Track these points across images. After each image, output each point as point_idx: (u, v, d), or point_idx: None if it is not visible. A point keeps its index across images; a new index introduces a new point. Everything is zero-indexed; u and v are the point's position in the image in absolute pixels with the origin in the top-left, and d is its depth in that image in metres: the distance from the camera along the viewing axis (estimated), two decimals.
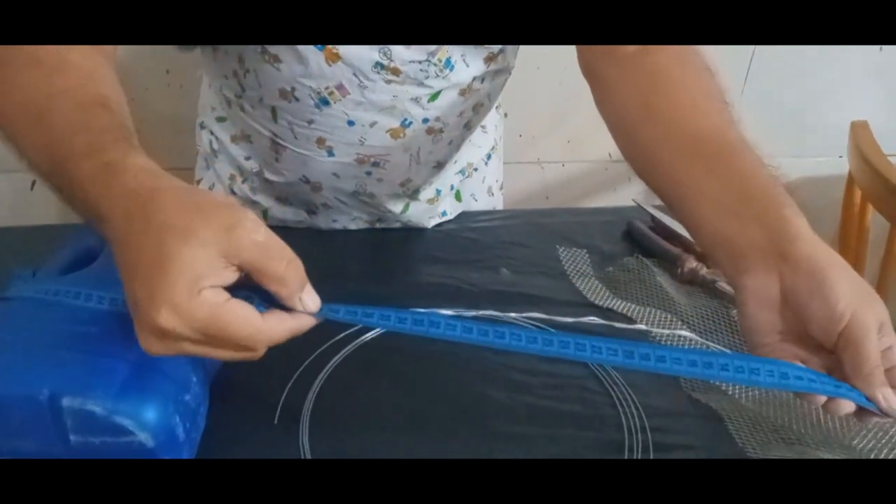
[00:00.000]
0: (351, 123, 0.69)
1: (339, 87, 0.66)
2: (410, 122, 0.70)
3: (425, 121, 0.71)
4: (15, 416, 0.45)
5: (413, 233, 0.83)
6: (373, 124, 0.69)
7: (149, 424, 0.45)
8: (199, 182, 0.87)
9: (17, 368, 0.46)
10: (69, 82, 0.48)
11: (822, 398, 0.45)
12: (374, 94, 0.67)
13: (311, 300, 0.43)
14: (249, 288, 0.41)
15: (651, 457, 0.54)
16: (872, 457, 0.54)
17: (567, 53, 0.65)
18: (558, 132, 1.41)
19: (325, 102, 0.67)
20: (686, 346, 0.61)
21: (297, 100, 0.67)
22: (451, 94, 0.69)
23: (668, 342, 0.65)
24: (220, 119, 0.80)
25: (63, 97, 0.47)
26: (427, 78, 0.67)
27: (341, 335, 0.63)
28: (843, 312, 0.45)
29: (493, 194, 0.91)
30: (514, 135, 0.95)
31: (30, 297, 0.52)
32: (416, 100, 0.68)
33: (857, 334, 0.45)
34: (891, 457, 0.53)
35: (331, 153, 0.72)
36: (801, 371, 0.45)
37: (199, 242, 0.38)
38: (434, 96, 0.69)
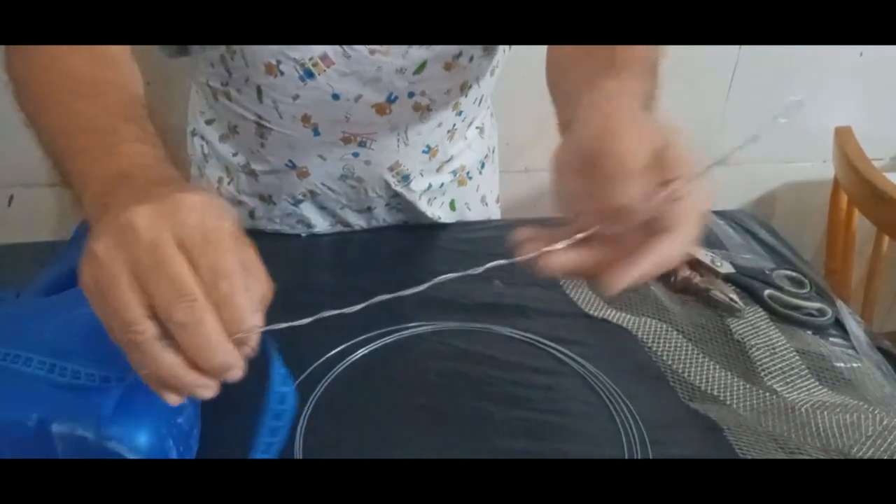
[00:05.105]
0: (336, 97, 0.69)
1: (324, 57, 0.66)
2: (396, 97, 0.70)
3: (411, 95, 0.70)
4: (2, 443, 0.44)
5: (402, 243, 0.82)
6: (358, 98, 0.69)
7: (142, 449, 0.44)
8: None
9: (3, 393, 0.45)
10: (118, 76, 0.52)
11: None
12: (359, 64, 0.66)
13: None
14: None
15: None
16: None
17: None
18: (546, 139, 1.40)
19: (310, 75, 0.67)
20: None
21: (282, 74, 0.67)
22: (436, 66, 0.69)
23: (663, 352, 0.65)
24: (209, 121, 0.80)
25: (117, 89, 0.50)
26: (411, 47, 0.67)
27: (334, 351, 0.62)
28: (586, 139, 0.40)
29: (486, 204, 0.91)
30: (501, 143, 0.95)
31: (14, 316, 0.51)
32: (401, 71, 0.68)
33: (607, 161, 0.38)
34: None
35: (316, 131, 0.72)
36: None
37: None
38: (419, 69, 0.68)
